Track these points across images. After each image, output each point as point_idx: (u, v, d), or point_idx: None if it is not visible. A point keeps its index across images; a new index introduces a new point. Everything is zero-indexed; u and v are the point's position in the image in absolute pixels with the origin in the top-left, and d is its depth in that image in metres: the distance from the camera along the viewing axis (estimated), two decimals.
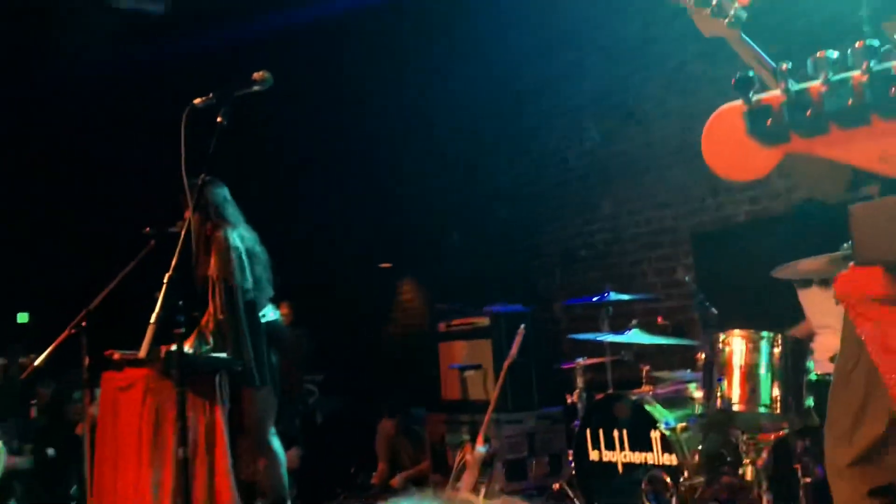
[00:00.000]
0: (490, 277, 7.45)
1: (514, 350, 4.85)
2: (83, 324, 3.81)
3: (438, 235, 8.15)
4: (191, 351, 3.91)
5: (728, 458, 3.81)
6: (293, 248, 7.87)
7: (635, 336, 4.39)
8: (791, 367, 3.43)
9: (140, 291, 3.34)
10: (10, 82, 7.12)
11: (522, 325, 4.91)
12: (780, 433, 3.54)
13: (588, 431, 4.32)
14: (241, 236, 4.10)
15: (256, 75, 3.00)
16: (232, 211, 4.19)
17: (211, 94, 2.95)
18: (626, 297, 4.70)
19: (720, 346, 3.55)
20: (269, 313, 4.25)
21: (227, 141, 2.99)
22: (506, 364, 4.89)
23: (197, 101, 2.95)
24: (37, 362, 3.99)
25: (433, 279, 8.29)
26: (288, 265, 4.44)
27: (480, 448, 4.80)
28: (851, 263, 1.90)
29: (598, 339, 4.59)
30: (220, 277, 3.98)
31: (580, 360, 4.78)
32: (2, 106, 7.30)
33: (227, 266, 3.97)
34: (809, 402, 3.37)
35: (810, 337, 4.11)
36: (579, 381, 4.74)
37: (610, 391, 4.51)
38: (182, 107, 2.99)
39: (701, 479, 3.77)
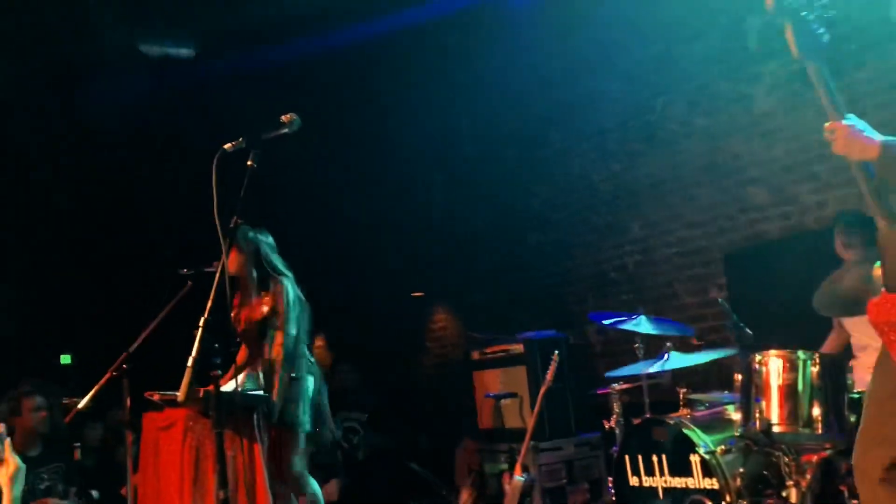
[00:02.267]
0: (522, 303, 7.44)
1: (550, 376, 4.84)
2: (124, 366, 3.89)
3: (469, 263, 8.17)
4: (233, 388, 3.96)
5: (771, 481, 3.76)
6: (324, 280, 7.95)
7: (671, 361, 4.36)
8: (830, 385, 3.39)
9: (180, 332, 3.40)
10: (51, 129, 7.34)
11: (557, 352, 4.90)
12: (824, 453, 3.49)
13: (627, 457, 4.28)
14: (293, 285, 4.20)
15: (284, 118, 3.07)
16: (278, 258, 4.28)
17: (241, 139, 3.02)
18: (656, 330, 4.62)
19: (757, 366, 3.52)
20: (308, 359, 4.31)
21: (260, 177, 3.05)
22: (542, 391, 4.88)
23: (227, 146, 3.02)
24: (80, 405, 4.07)
25: (465, 307, 8.30)
26: (320, 298, 4.49)
27: (519, 477, 4.79)
28: (883, 289, 1.89)
29: (633, 373, 4.55)
30: (279, 326, 4.07)
31: (616, 385, 4.75)
32: (42, 153, 7.53)
33: (286, 316, 4.07)
34: (852, 419, 3.32)
35: (844, 351, 4.06)
36: (616, 406, 4.71)
37: (647, 415, 4.47)
38: (216, 146, 3.07)
39: (744, 502, 3.72)
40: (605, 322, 4.67)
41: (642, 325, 4.54)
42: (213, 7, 6.35)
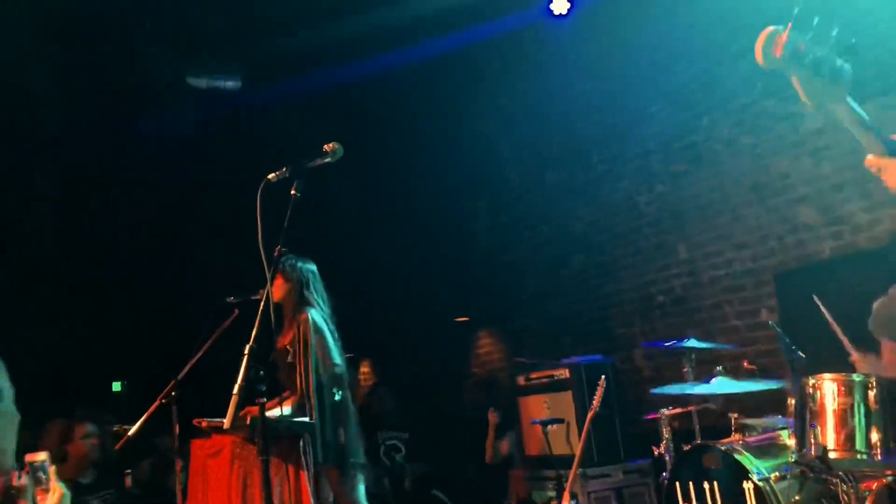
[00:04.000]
0: (568, 328, 7.38)
1: (597, 402, 4.77)
2: (173, 393, 3.94)
3: (513, 288, 8.14)
4: (278, 416, 3.98)
5: None
6: (369, 307, 7.99)
7: (720, 385, 4.26)
8: (889, 409, 3.27)
9: (227, 359, 3.44)
10: (102, 161, 7.54)
11: (603, 377, 4.83)
12: (884, 480, 3.36)
13: (678, 484, 4.19)
14: (324, 317, 4.20)
15: (327, 147, 3.09)
16: (316, 288, 4.30)
17: (285, 169, 3.06)
18: (706, 345, 4.56)
19: (810, 390, 3.42)
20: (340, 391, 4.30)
21: (304, 206, 3.08)
22: (589, 416, 4.82)
23: (271, 175, 3.06)
24: (130, 432, 4.13)
25: (510, 332, 8.25)
26: (365, 324, 4.50)
27: None
28: None
29: (682, 392, 4.46)
30: (304, 356, 4.08)
31: (665, 411, 4.66)
32: (91, 183, 7.73)
33: (310, 346, 4.08)
34: None
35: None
36: (665, 432, 4.62)
37: (697, 441, 4.37)
38: (262, 175, 3.11)
39: None
40: (663, 345, 4.59)
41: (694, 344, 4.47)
42: (257, 36, 6.49)
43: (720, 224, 5.99)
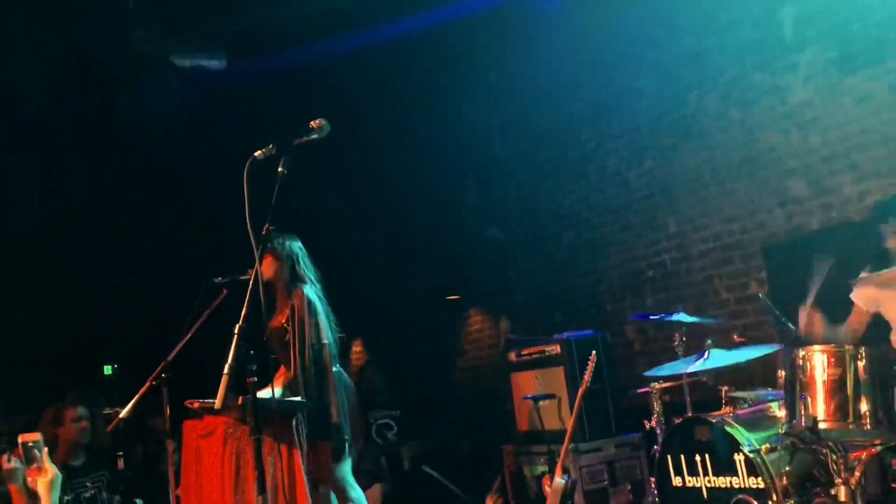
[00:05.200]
0: (558, 304, 7.39)
1: (588, 377, 4.79)
2: (163, 375, 3.92)
3: (504, 265, 8.13)
4: (270, 396, 3.98)
5: (819, 479, 3.67)
6: (360, 287, 7.97)
7: (712, 360, 4.28)
8: (878, 379, 3.29)
9: (217, 340, 3.42)
10: (87, 139, 7.47)
11: (594, 351, 4.84)
12: (873, 450, 3.39)
13: (669, 457, 4.22)
14: (317, 293, 4.20)
15: (313, 123, 3.06)
16: (306, 265, 4.29)
17: (271, 146, 3.03)
18: (694, 319, 4.57)
19: (801, 362, 3.44)
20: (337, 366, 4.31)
21: (292, 183, 3.05)
22: (580, 391, 4.83)
23: (258, 153, 3.03)
24: (122, 414, 4.11)
25: (501, 309, 8.26)
26: (356, 304, 4.49)
27: (560, 479, 4.75)
28: None
29: (674, 372, 4.47)
30: (300, 334, 4.07)
31: (656, 384, 4.68)
32: (80, 163, 7.66)
33: (306, 324, 4.07)
34: None
35: (890, 346, 3.94)
36: (656, 406, 4.64)
37: (689, 414, 4.39)
38: (249, 152, 3.07)
39: (791, 501, 3.64)
40: (651, 318, 4.59)
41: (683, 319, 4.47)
42: (242, 11, 6.40)
43: (709, 198, 5.99)
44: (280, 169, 3.00)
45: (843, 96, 5.02)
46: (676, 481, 4.16)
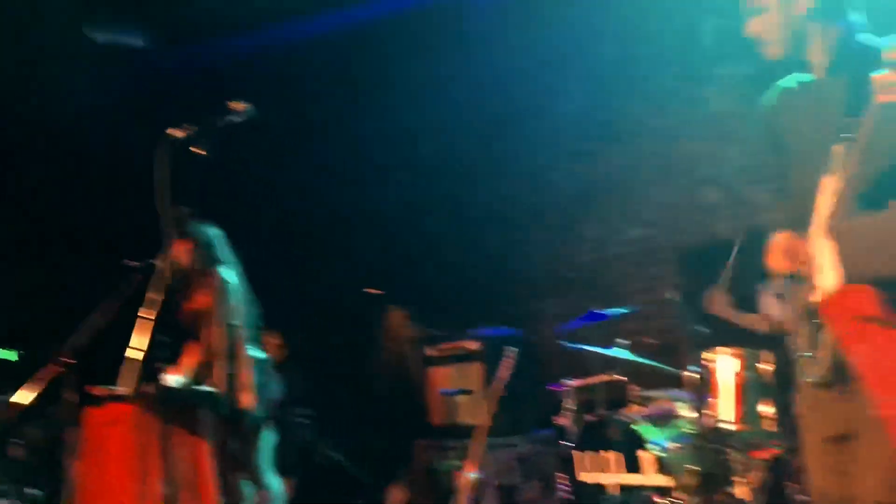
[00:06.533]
0: (479, 300, 7.42)
1: (504, 373, 4.82)
2: (67, 361, 3.76)
3: (426, 260, 8.12)
4: (178, 384, 3.86)
5: (722, 478, 3.78)
6: (277, 278, 7.83)
7: (619, 353, 4.37)
8: (781, 383, 3.42)
9: (126, 325, 3.30)
10: None
11: (511, 349, 4.88)
12: (775, 451, 3.52)
13: (579, 454, 4.29)
14: (232, 275, 4.10)
15: (236, 106, 2.98)
16: (221, 248, 4.18)
17: (190, 127, 2.93)
18: (610, 312, 4.67)
19: (708, 364, 3.54)
20: (256, 351, 4.22)
21: (218, 171, 2.97)
22: (496, 387, 4.86)
23: (174, 132, 2.93)
24: (21, 401, 3.92)
25: (421, 304, 8.24)
26: (272, 295, 4.40)
27: (471, 474, 4.76)
28: (841, 283, 1.88)
29: (582, 349, 4.56)
30: (216, 316, 3.96)
31: (569, 382, 4.75)
32: None
33: (223, 305, 3.96)
34: None
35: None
36: (569, 403, 4.71)
37: (600, 412, 4.48)
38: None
39: (695, 499, 3.74)
40: (572, 326, 4.67)
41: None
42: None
43: (629, 202, 6.12)
44: (198, 150, 2.91)
45: (757, 110, 5.20)
46: (586, 477, 4.23)
